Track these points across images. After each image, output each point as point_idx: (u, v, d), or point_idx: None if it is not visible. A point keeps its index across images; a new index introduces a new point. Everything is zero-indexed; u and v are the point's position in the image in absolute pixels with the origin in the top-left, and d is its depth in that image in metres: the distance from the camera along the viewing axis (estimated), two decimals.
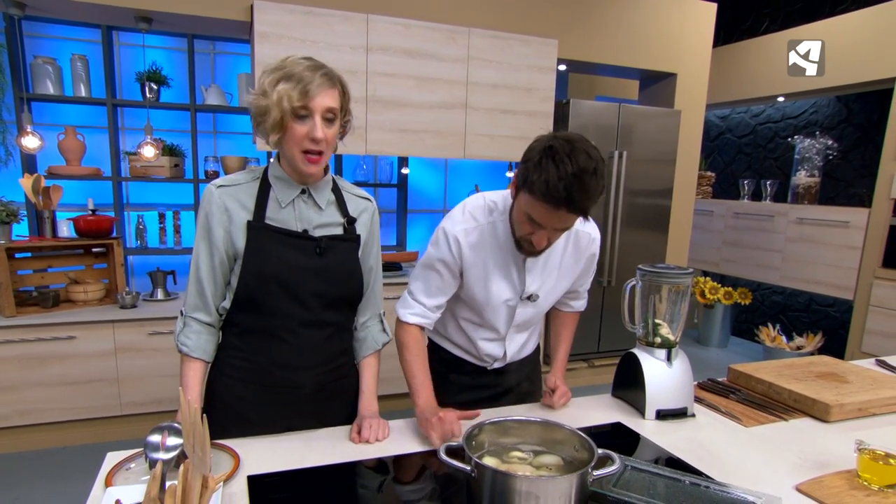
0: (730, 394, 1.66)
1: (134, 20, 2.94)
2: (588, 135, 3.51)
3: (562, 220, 1.26)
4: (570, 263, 1.57)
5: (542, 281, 1.53)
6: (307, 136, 1.19)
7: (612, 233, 3.81)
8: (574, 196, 1.17)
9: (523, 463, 1.07)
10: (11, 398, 2.66)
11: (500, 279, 1.49)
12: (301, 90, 1.16)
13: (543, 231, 1.29)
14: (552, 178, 1.17)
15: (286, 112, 1.16)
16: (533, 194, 1.22)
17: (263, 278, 1.26)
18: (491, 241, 1.47)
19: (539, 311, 1.59)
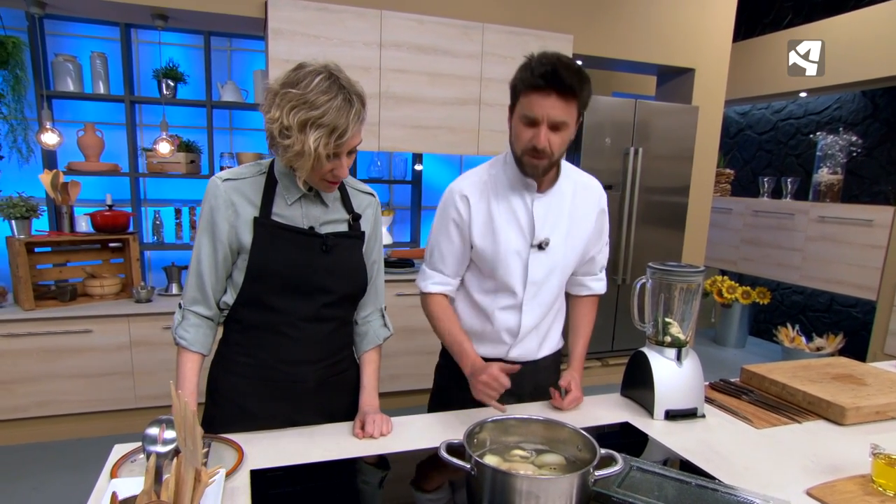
0: (742, 395, 1.63)
1: (150, 17, 2.97)
2: (603, 132, 3.51)
3: (554, 107, 1.28)
4: (580, 215, 1.52)
5: (553, 227, 1.48)
6: (331, 171, 1.20)
7: (627, 230, 3.76)
8: (560, 73, 1.25)
9: (525, 462, 1.05)
10: (30, 390, 2.71)
11: (508, 226, 1.46)
12: (336, 140, 1.12)
13: (540, 127, 1.31)
14: (535, 63, 1.28)
15: (322, 158, 1.13)
16: (523, 89, 1.31)
17: (269, 275, 1.26)
18: (494, 189, 1.48)
19: (555, 265, 1.50)
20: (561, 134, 1.34)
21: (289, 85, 1.13)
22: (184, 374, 1.28)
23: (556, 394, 1.51)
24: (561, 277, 1.54)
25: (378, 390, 1.46)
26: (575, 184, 1.54)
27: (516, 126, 1.38)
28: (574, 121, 1.37)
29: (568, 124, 1.34)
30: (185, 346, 1.29)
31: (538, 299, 1.53)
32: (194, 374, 1.29)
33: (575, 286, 1.66)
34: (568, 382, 1.52)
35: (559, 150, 1.37)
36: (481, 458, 1.04)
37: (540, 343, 1.60)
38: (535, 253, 1.48)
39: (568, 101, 1.30)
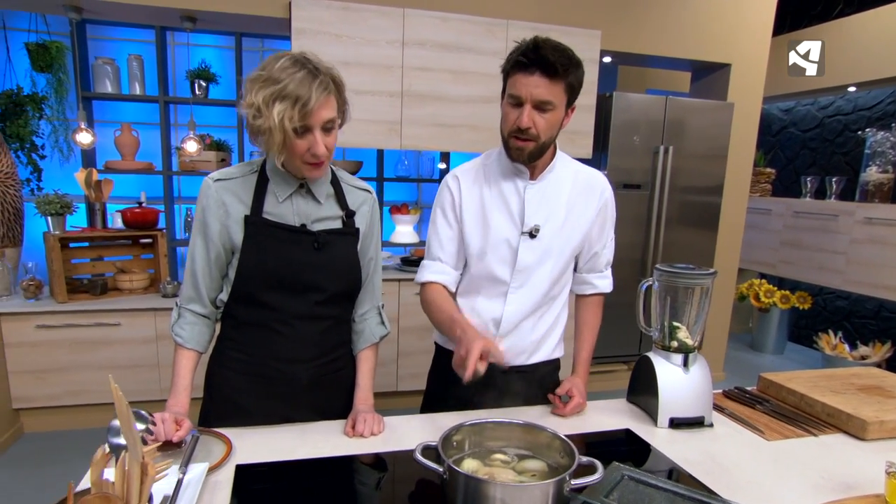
0: (756, 404, 1.55)
1: (179, 20, 3.05)
2: (632, 129, 3.42)
3: (538, 86, 1.27)
4: (579, 207, 1.48)
5: (546, 216, 1.44)
6: (308, 150, 1.17)
7: (657, 231, 3.65)
8: (543, 51, 1.25)
9: (506, 467, 1.03)
10: (62, 379, 2.82)
11: (499, 212, 1.44)
12: (301, 110, 1.11)
13: (524, 107, 1.30)
14: (520, 45, 1.29)
15: (288, 132, 1.13)
16: (509, 69, 1.32)
17: (261, 273, 1.26)
18: (487, 176, 1.47)
19: (547, 254, 1.45)
20: (547, 116, 1.31)
21: (258, 70, 1.14)
22: (178, 371, 1.30)
23: (557, 400, 1.47)
24: (553, 268, 1.48)
25: (373, 389, 1.45)
26: (576, 174, 1.51)
27: (504, 108, 1.37)
28: (561, 103, 1.33)
29: (553, 105, 1.30)
30: (180, 344, 1.31)
31: (526, 288, 1.47)
32: (188, 371, 1.31)
33: (579, 284, 1.61)
34: (570, 389, 1.47)
35: (546, 133, 1.34)
36: (461, 461, 1.03)
37: (534, 344, 1.53)
38: (526, 240, 1.44)
39: (552, 80, 1.27)
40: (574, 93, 1.35)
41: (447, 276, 1.50)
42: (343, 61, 3.07)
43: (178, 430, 1.16)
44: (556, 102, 1.30)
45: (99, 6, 2.92)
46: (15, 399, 2.77)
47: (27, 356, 2.75)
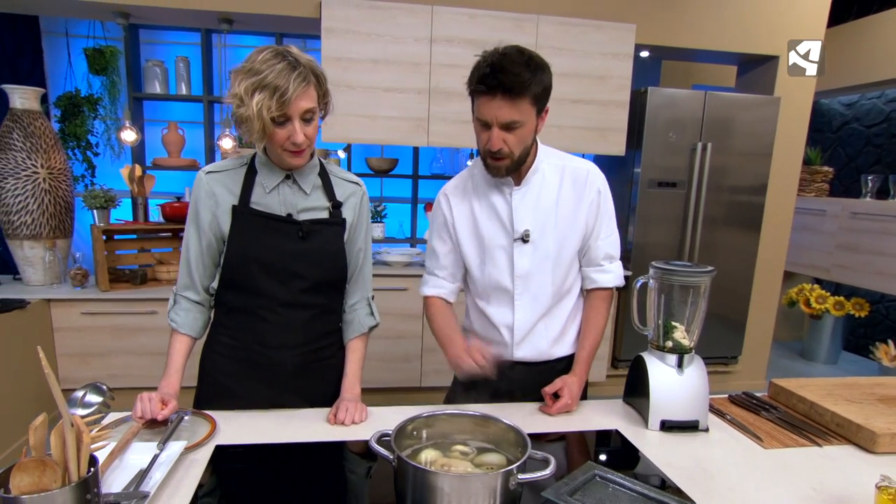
0: (762, 411, 1.48)
1: (217, 22, 3.18)
2: (669, 126, 3.30)
3: (501, 108, 1.26)
4: (570, 204, 1.46)
5: (536, 220, 1.44)
6: (288, 139, 1.21)
7: (693, 231, 3.52)
8: (499, 75, 1.23)
9: (464, 459, 1.02)
10: (104, 363, 3.00)
11: (489, 221, 1.46)
12: (278, 100, 1.15)
13: (491, 130, 1.30)
14: (479, 64, 1.28)
15: (266, 122, 1.17)
16: (473, 93, 1.32)
17: (246, 260, 1.31)
18: (475, 188, 1.49)
19: (544, 257, 1.45)
20: (516, 132, 1.31)
21: (242, 62, 1.19)
22: (171, 354, 1.36)
23: (549, 398, 1.44)
24: (554, 269, 1.48)
25: (360, 379, 1.48)
26: (562, 171, 1.48)
27: (475, 127, 1.38)
28: (529, 115, 1.31)
29: (520, 122, 1.30)
30: (175, 328, 1.38)
31: (530, 293, 1.49)
32: (181, 355, 1.37)
33: (583, 280, 1.57)
34: (561, 388, 1.44)
35: (518, 147, 1.34)
36: (420, 451, 1.03)
37: (552, 342, 1.53)
38: (520, 246, 1.45)
39: (515, 99, 1.26)
40: (542, 99, 1.33)
41: (444, 290, 1.55)
42: (371, 59, 3.13)
43: (164, 409, 1.22)
44: (522, 119, 1.30)
45: (144, 11, 3.08)
46: (62, 380, 2.95)
47: (73, 340, 2.94)
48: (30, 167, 2.86)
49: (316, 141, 1.32)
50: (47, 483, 0.72)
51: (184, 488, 1.04)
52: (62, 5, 3.10)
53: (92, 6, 3.04)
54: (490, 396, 1.47)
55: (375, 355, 3.26)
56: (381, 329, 3.14)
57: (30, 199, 2.86)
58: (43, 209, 2.90)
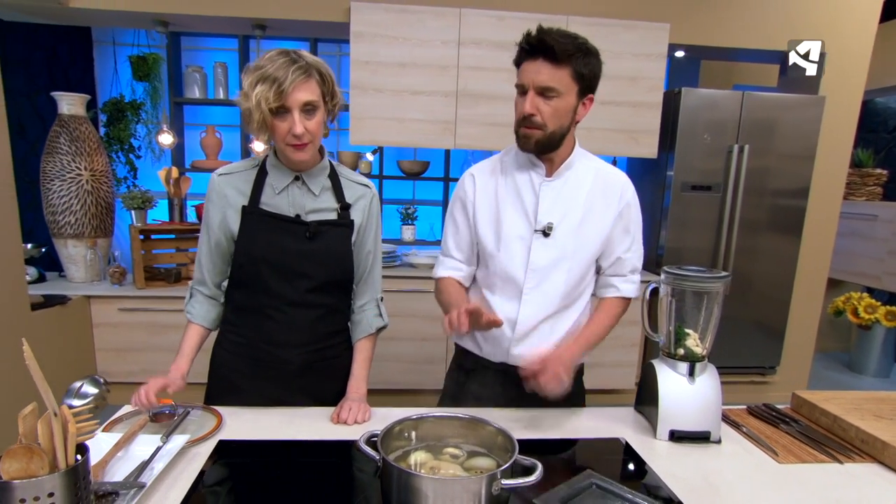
0: (781, 423, 1.41)
1: (251, 28, 3.27)
2: (703, 127, 3.20)
3: (540, 71, 1.26)
4: (598, 205, 1.42)
5: (562, 214, 1.40)
6: (289, 131, 1.24)
7: (728, 236, 3.39)
8: (546, 37, 1.24)
9: (454, 462, 1.01)
10: (139, 358, 3.12)
11: (513, 209, 1.42)
12: (276, 91, 1.19)
13: (528, 94, 1.29)
14: (527, 33, 1.29)
15: (265, 113, 1.21)
16: (518, 58, 1.32)
17: (254, 259, 1.34)
18: (502, 170, 1.46)
19: (562, 255, 1.39)
20: (552, 103, 1.29)
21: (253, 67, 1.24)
22: (184, 340, 1.43)
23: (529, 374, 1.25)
24: (569, 271, 1.41)
25: (367, 379, 1.49)
26: (596, 173, 1.45)
27: (515, 100, 1.35)
28: (569, 90, 1.29)
29: (557, 91, 1.28)
30: (189, 319, 1.44)
31: (541, 290, 1.42)
32: (193, 342, 1.43)
33: (602, 287, 1.52)
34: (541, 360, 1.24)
35: (552, 121, 1.31)
36: (410, 452, 1.03)
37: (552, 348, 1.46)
38: (539, 238, 1.40)
39: (556, 65, 1.25)
40: (585, 82, 1.31)
41: (460, 273, 1.51)
42: (399, 62, 3.15)
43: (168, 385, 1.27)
44: (560, 89, 1.27)
45: (181, 19, 3.20)
46: (100, 373, 3.07)
47: (111, 335, 3.07)
48: (74, 170, 3.00)
49: (321, 138, 1.33)
50: (35, 470, 0.75)
51: (182, 481, 1.07)
52: (108, 16, 3.24)
53: (135, 16, 3.17)
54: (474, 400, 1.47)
55: (400, 356, 3.28)
56: (406, 331, 3.20)
57: (73, 200, 3.00)
58: (85, 210, 3.03)
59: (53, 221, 3.03)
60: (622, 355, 3.38)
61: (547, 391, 1.22)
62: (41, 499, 0.75)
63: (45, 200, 3.03)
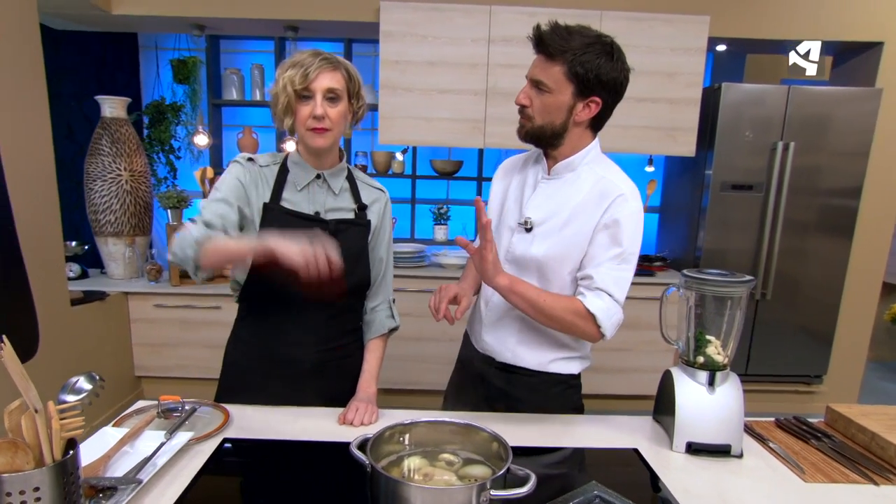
0: (811, 439, 1.32)
1: (283, 29, 3.32)
2: (745, 124, 3.05)
3: (535, 66, 1.28)
4: (585, 214, 1.32)
5: (547, 214, 1.36)
6: (310, 114, 1.27)
7: (770, 238, 3.23)
8: (544, 34, 1.25)
9: (449, 469, 0.98)
10: (173, 353, 3.21)
11: (512, 201, 1.45)
12: (302, 74, 1.25)
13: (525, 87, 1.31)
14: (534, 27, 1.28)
15: (291, 96, 1.26)
16: None
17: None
18: (522, 166, 1.48)
19: (537, 253, 1.34)
20: (541, 97, 1.28)
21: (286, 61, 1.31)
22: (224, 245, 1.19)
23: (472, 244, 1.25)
24: (540, 271, 1.36)
25: (377, 379, 1.48)
26: (597, 181, 1.35)
27: None
28: (561, 88, 1.25)
29: (547, 86, 1.26)
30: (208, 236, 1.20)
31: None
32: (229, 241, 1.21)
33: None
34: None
35: (540, 115, 1.30)
36: (406, 458, 1.01)
37: (519, 343, 1.42)
38: (520, 232, 1.40)
39: (549, 61, 1.25)
40: (583, 82, 1.24)
41: None
42: (428, 61, 3.14)
43: None
44: (550, 85, 1.25)
45: (216, 22, 3.28)
46: (137, 367, 3.20)
47: (147, 331, 3.17)
48: (115, 170, 3.11)
49: (341, 132, 1.35)
50: (20, 464, 0.76)
51: (181, 478, 1.07)
52: (149, 22, 3.35)
53: (173, 20, 3.27)
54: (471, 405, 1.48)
55: (427, 357, 3.27)
56: (434, 331, 3.19)
57: (113, 200, 3.11)
58: (125, 209, 3.14)
59: (95, 220, 3.15)
60: (658, 360, 3.27)
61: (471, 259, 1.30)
62: (27, 493, 0.76)
63: (88, 200, 3.15)
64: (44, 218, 2.44)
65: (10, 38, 2.24)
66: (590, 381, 1.62)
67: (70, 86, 3.75)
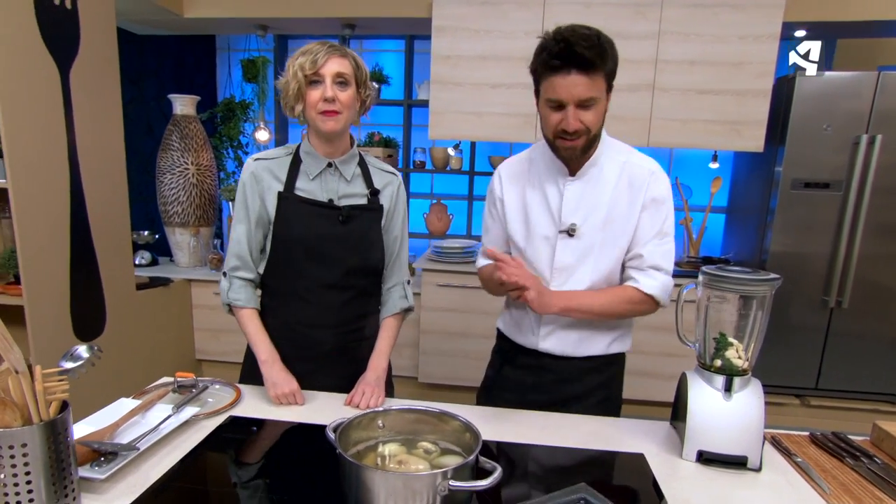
0: (848, 457, 1.19)
1: (341, 27, 3.41)
2: (822, 116, 2.83)
3: (577, 86, 1.21)
4: (623, 201, 1.36)
5: (586, 213, 1.37)
6: (321, 98, 1.31)
7: (849, 240, 2.94)
8: (575, 48, 1.17)
9: (426, 457, 0.97)
10: (231, 339, 3.37)
11: (539, 209, 1.41)
12: (311, 60, 1.30)
13: (567, 109, 1.24)
14: (546, 43, 1.22)
15: (301, 81, 1.31)
16: (542, 73, 1.25)
17: (290, 243, 1.40)
18: (530, 172, 1.44)
19: (586, 253, 1.37)
20: (592, 110, 1.26)
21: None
22: (254, 329, 1.45)
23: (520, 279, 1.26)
24: (596, 268, 1.39)
25: (388, 355, 1.52)
26: (622, 167, 1.38)
27: (543, 111, 1.32)
28: (604, 94, 1.27)
29: (597, 99, 1.25)
30: (241, 305, 1.46)
31: (567, 287, 1.40)
32: (259, 326, 1.45)
33: (623, 280, 1.43)
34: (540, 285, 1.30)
35: (595, 125, 1.28)
36: (383, 444, 1.01)
37: (579, 340, 1.44)
38: (564, 239, 1.39)
39: (591, 75, 1.21)
40: (612, 77, 1.28)
41: None
42: (480, 55, 3.12)
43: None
44: (598, 96, 1.25)
45: (277, 22, 3.42)
46: (198, 351, 3.40)
47: (207, 317, 3.35)
48: (182, 164, 3.32)
49: (351, 117, 1.38)
50: (9, 421, 0.83)
51: (180, 449, 1.13)
52: (218, 24, 3.55)
53: (238, 21, 3.44)
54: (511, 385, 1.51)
55: (469, 353, 3.26)
56: (479, 328, 3.17)
57: (181, 192, 3.32)
58: (191, 200, 3.35)
59: (164, 211, 3.37)
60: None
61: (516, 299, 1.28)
62: (15, 448, 0.82)
63: (159, 192, 3.38)
64: (114, 210, 2.64)
65: (91, 46, 2.44)
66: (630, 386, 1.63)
67: (151, 86, 4.04)
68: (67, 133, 2.34)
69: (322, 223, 1.40)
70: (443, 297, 3.26)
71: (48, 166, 2.27)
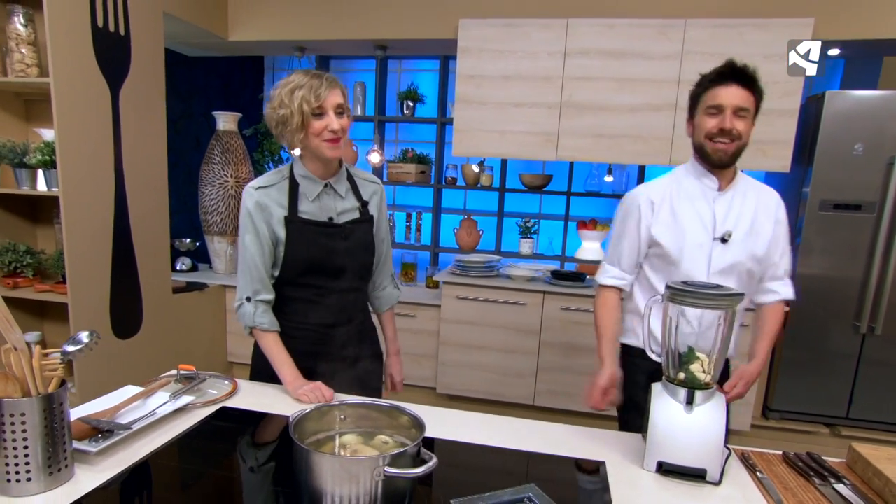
0: (815, 477, 1.18)
1: (373, 48, 3.56)
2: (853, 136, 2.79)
3: (736, 95, 1.44)
4: (761, 216, 1.57)
5: (735, 222, 1.55)
6: (326, 128, 1.43)
7: (882, 264, 2.82)
8: (737, 67, 1.45)
9: (379, 449, 1.04)
10: None
11: (692, 223, 1.57)
12: (315, 94, 1.40)
13: (725, 113, 1.45)
14: (715, 68, 1.49)
15: (306, 114, 1.41)
16: (707, 85, 1.49)
17: (303, 261, 1.53)
18: (678, 194, 1.59)
19: (735, 260, 1.55)
20: (744, 121, 1.46)
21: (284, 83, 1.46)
22: (277, 351, 1.53)
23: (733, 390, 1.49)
24: (740, 274, 1.57)
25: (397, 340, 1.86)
26: (757, 191, 1.61)
27: (700, 121, 1.52)
28: (752, 113, 1.48)
29: (749, 112, 1.46)
30: (266, 329, 1.54)
31: None
32: (283, 349, 1.54)
33: (762, 294, 1.66)
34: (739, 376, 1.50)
35: (745, 135, 1.48)
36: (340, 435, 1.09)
37: None
38: (718, 245, 1.55)
39: (747, 90, 1.45)
40: (760, 102, 1.50)
41: (623, 282, 1.69)
42: (503, 75, 3.20)
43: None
44: (751, 109, 1.47)
45: (314, 44, 3.61)
46: (230, 354, 3.58)
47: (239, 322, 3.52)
48: (222, 176, 3.54)
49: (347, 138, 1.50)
50: (10, 392, 0.95)
51: (171, 432, 1.24)
52: (259, 46, 3.78)
53: (278, 44, 3.66)
54: None
55: (486, 366, 3.30)
56: (496, 341, 3.22)
57: (220, 203, 3.53)
58: (229, 211, 3.55)
59: (205, 220, 3.60)
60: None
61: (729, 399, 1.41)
62: (15, 416, 0.95)
63: (200, 202, 3.61)
64: (155, 218, 2.85)
65: (140, 68, 2.68)
66: None
67: (200, 104, 4.32)
68: (115, 147, 2.57)
69: (328, 240, 1.53)
70: (463, 309, 3.32)
71: (96, 177, 2.49)
